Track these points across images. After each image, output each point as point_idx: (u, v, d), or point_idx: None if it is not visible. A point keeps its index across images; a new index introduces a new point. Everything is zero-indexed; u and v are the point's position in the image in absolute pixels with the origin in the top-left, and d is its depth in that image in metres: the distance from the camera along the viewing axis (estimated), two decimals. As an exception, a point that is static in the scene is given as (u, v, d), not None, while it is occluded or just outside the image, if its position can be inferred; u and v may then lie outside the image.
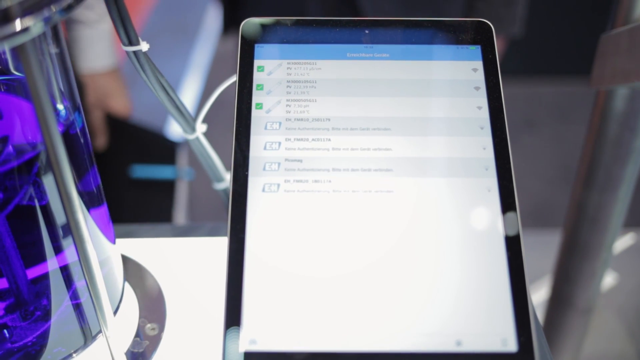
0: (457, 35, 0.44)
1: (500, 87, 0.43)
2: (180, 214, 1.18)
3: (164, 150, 1.19)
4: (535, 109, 2.43)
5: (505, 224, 0.39)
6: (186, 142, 1.23)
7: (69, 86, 0.40)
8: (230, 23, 1.25)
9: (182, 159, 1.21)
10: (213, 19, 3.04)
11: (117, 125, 1.17)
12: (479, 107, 0.42)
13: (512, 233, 0.39)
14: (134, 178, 1.15)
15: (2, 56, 0.41)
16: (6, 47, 0.31)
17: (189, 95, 2.54)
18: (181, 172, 1.17)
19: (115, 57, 1.16)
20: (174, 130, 2.17)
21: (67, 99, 0.40)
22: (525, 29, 1.19)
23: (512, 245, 0.39)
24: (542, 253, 1.09)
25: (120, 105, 1.16)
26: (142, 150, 1.18)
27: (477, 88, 0.43)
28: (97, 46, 1.10)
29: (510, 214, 0.39)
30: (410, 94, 0.42)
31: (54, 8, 0.32)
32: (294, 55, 0.42)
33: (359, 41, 0.43)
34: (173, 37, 2.89)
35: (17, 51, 0.32)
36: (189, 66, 2.75)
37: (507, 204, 0.40)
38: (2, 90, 0.42)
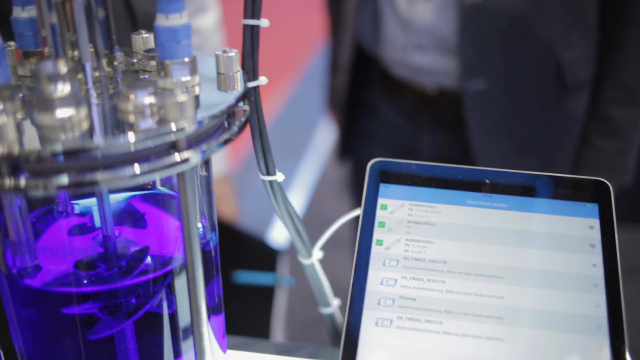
0: (575, 191, 0.45)
1: (616, 246, 0.44)
2: (278, 322, 1.19)
3: (265, 257, 1.21)
4: (638, 257, 2.33)
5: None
6: (288, 251, 1.26)
7: (209, 207, 0.44)
8: (344, 150, 1.31)
9: (283, 266, 1.23)
10: (323, 140, 3.17)
11: (222, 230, 1.22)
12: (594, 265, 0.43)
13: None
14: (234, 283, 1.18)
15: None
16: (164, 174, 0.35)
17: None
18: (281, 279, 1.18)
19: (227, 164, 1.23)
20: (276, 238, 2.23)
21: (206, 218, 0.44)
22: (634, 177, 1.17)
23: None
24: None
25: (228, 211, 1.22)
26: (244, 256, 1.21)
27: (592, 245, 0.43)
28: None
29: (621, 377, 0.39)
30: (526, 246, 0.43)
31: (213, 142, 0.37)
32: (416, 197, 0.45)
33: (478, 189, 0.45)
34: (281, 153, 3.03)
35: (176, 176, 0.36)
36: (294, 183, 2.85)
37: (618, 366, 0.39)
38: (150, 202, 0.47)
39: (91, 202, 0.46)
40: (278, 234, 2.37)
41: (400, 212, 0.45)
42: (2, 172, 0.33)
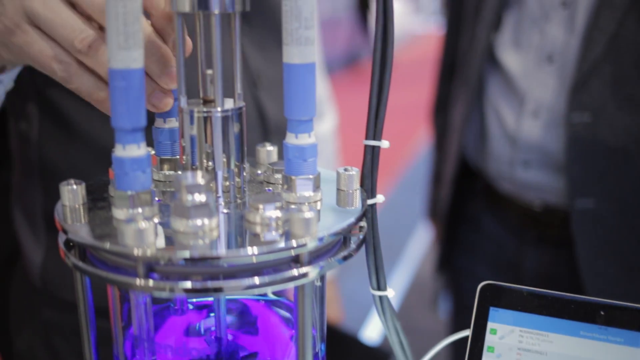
0: (697, 331, 0.43)
1: None
2: None
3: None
4: None
5: None
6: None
7: (321, 317, 0.45)
8: (443, 261, 1.30)
9: None
10: (417, 248, 3.15)
11: (329, 333, 1.21)
12: None
13: None
14: None
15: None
16: (283, 287, 0.37)
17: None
18: None
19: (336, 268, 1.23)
20: (369, 335, 2.20)
21: (316, 328, 0.45)
22: None
23: None
24: None
25: (334, 314, 1.22)
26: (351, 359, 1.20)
27: None
28: None
29: None
30: (644, 385, 0.41)
31: (331, 259, 0.38)
32: (527, 324, 0.44)
33: (593, 320, 0.44)
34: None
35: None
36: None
37: None
38: (262, 307, 0.48)
39: (206, 301, 0.48)
40: (371, 332, 2.34)
41: (510, 338, 0.44)
42: (137, 272, 0.36)
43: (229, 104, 0.42)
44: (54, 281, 0.73)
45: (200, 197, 0.36)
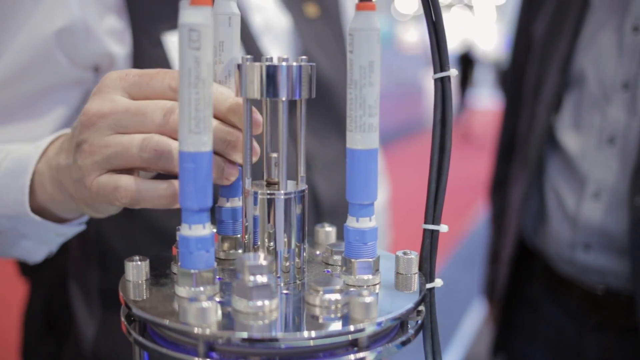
0: None
1: None
2: None
3: None
4: None
5: None
6: None
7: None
8: (499, 344, 1.26)
9: None
10: (470, 328, 3.07)
11: None
12: None
13: None
14: None
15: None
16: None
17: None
18: None
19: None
20: None
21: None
22: None
23: None
24: None
25: None
26: None
27: None
28: None
29: None
30: None
31: (389, 344, 0.38)
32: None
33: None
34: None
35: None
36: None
37: None
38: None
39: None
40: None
41: None
42: (198, 351, 0.36)
43: (292, 186, 0.43)
44: (105, 357, 0.74)
45: (262, 279, 0.37)
